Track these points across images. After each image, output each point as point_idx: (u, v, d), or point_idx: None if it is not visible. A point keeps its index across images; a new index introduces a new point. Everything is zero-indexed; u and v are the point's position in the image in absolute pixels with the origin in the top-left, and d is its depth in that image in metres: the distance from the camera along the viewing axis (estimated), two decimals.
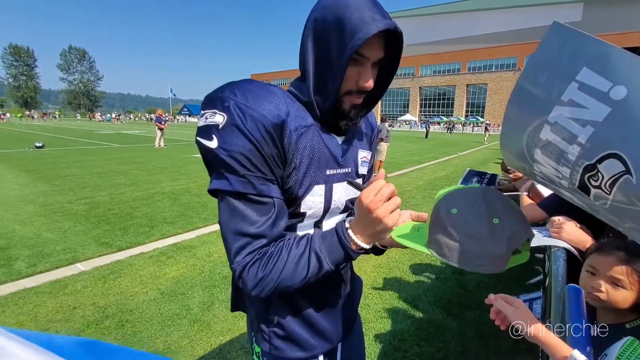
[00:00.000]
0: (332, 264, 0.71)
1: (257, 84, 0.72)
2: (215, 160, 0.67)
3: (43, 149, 12.95)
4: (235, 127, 0.65)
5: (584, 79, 0.41)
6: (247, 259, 0.68)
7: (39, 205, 5.22)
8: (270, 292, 0.70)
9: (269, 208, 0.69)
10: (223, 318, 2.48)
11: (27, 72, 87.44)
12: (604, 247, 1.02)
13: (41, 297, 2.72)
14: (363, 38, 0.65)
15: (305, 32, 0.74)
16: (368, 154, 0.93)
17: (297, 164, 0.73)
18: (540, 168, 0.57)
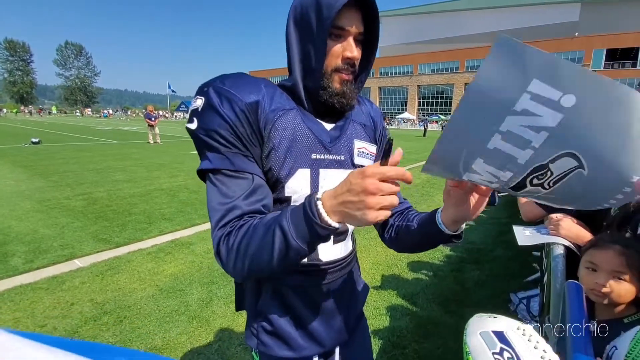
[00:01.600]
0: (300, 241, 0.59)
1: (241, 75, 0.76)
2: (197, 141, 0.71)
3: (39, 145, 12.87)
4: (211, 107, 0.69)
5: (535, 89, 0.44)
6: (220, 232, 0.67)
7: (36, 201, 5.19)
8: (246, 271, 0.65)
9: (248, 183, 0.71)
10: (222, 314, 2.48)
11: (23, 67, 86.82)
12: (600, 241, 1.03)
13: (38, 294, 2.71)
14: (339, 6, 0.68)
15: (287, 23, 0.77)
16: (369, 146, 0.89)
17: (276, 144, 0.73)
18: (471, 177, 0.58)
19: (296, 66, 0.78)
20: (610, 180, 0.50)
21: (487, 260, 3.56)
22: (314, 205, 0.59)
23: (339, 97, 0.77)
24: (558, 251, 1.12)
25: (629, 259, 0.94)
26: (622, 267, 0.94)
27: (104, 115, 63.23)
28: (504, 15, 54.99)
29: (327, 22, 0.69)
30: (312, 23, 0.72)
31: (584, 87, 0.43)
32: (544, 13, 51.42)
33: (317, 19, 0.71)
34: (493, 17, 55.87)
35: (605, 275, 0.97)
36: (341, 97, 0.77)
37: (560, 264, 1.07)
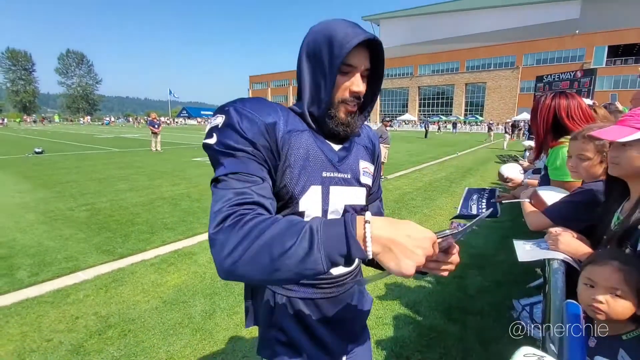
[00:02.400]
0: (324, 252, 0.55)
1: (259, 98, 0.82)
2: (214, 153, 0.74)
3: (43, 155, 12.96)
4: (231, 125, 0.73)
5: None
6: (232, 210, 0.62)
7: (40, 213, 5.23)
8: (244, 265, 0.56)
9: (257, 180, 0.71)
10: (225, 326, 2.49)
11: (25, 76, 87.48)
12: (599, 257, 1.03)
13: (44, 307, 2.73)
14: (349, 47, 0.75)
15: (300, 55, 0.84)
16: (370, 166, 0.98)
17: (291, 163, 0.79)
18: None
19: (306, 94, 0.84)
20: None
21: (489, 266, 3.55)
22: (363, 225, 0.56)
23: (344, 126, 0.85)
24: (557, 267, 1.12)
25: (626, 276, 0.94)
26: (620, 283, 0.94)
27: (106, 123, 63.58)
28: (503, 14, 54.94)
29: (337, 61, 0.76)
30: (324, 59, 0.78)
31: None
32: (544, 11, 51.32)
33: (328, 56, 0.78)
34: (492, 16, 55.82)
35: (603, 291, 0.97)
36: (346, 127, 0.85)
37: (560, 281, 1.07)
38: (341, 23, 0.80)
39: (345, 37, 0.76)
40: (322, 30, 0.80)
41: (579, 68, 10.68)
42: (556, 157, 1.82)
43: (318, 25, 0.82)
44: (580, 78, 9.00)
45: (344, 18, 0.84)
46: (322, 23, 0.82)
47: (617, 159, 1.10)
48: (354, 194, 0.91)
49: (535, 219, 1.54)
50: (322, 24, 0.81)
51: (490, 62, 53.34)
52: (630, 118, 1.05)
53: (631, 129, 1.02)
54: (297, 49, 0.86)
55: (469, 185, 7.90)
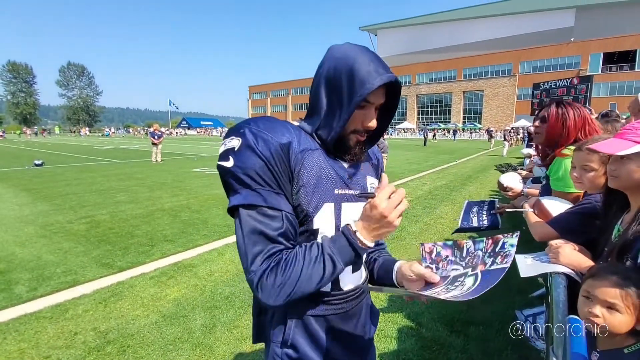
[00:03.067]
0: (344, 264, 0.78)
1: (270, 118, 0.84)
2: (231, 178, 0.77)
3: (42, 167, 12.97)
4: (248, 147, 0.75)
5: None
6: (264, 266, 0.74)
7: (39, 226, 5.22)
8: (289, 297, 0.74)
9: (278, 219, 0.77)
10: (225, 341, 2.46)
11: (25, 88, 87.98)
12: (598, 271, 1.03)
13: (42, 323, 2.70)
14: (371, 88, 0.77)
15: (318, 76, 0.86)
16: (376, 182, 1.01)
17: (305, 182, 0.81)
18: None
19: (318, 116, 0.86)
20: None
21: None
22: (354, 235, 0.78)
23: (351, 155, 0.89)
24: (559, 281, 1.11)
25: (624, 291, 0.93)
26: (616, 298, 0.94)
27: (106, 134, 63.80)
28: (499, 23, 55.69)
29: (358, 99, 0.78)
30: (343, 91, 0.80)
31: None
32: (539, 20, 52.04)
33: (348, 90, 0.79)
34: (488, 25, 56.57)
35: (598, 305, 0.97)
36: (353, 156, 0.89)
37: (562, 295, 1.06)
38: (365, 56, 0.80)
39: (368, 75, 0.77)
40: (345, 59, 0.80)
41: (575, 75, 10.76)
42: (559, 167, 1.83)
43: (340, 51, 0.82)
44: (577, 85, 9.06)
45: (365, 47, 0.85)
46: (344, 49, 0.82)
47: (616, 171, 1.10)
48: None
49: (541, 229, 1.53)
50: (345, 51, 0.82)
51: (487, 70, 53.87)
52: (629, 131, 1.06)
53: (630, 142, 1.03)
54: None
55: (469, 193, 7.91)
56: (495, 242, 0.82)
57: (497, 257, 0.78)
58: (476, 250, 0.84)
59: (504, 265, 0.74)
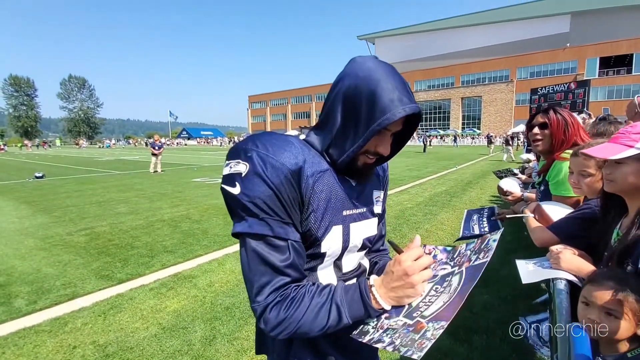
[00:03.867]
0: (352, 319, 0.73)
1: (275, 135, 0.79)
2: (237, 205, 0.73)
3: (43, 179, 12.99)
4: (256, 174, 0.71)
5: None
6: (269, 299, 0.72)
7: (39, 239, 5.20)
8: (289, 335, 0.72)
9: (285, 249, 0.74)
10: (225, 353, 2.43)
11: (27, 102, 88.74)
12: (596, 277, 1.04)
13: (41, 337, 2.68)
14: (392, 119, 0.73)
15: (336, 91, 0.79)
16: (381, 194, 1.00)
17: (315, 207, 0.78)
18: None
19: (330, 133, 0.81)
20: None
21: (494, 282, 3.50)
22: (369, 290, 0.74)
23: (358, 176, 0.87)
24: (561, 287, 1.10)
25: (621, 297, 0.93)
26: (614, 304, 0.94)
27: (107, 146, 64.03)
28: (496, 30, 56.27)
29: (376, 128, 0.73)
30: (361, 116, 0.75)
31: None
32: (535, 26, 52.60)
33: (367, 115, 0.74)
34: (486, 32, 57.16)
35: (597, 311, 0.97)
36: (360, 176, 0.87)
37: (565, 301, 1.05)
38: (390, 81, 0.74)
39: (390, 104, 0.72)
40: (368, 80, 0.74)
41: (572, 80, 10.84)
42: (559, 171, 1.82)
43: (364, 69, 0.76)
44: (575, 89, 9.11)
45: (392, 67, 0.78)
46: (369, 68, 0.76)
47: (611, 175, 1.10)
48: (369, 226, 0.92)
49: (541, 235, 1.52)
50: (369, 70, 0.75)
51: (485, 76, 54.28)
52: (622, 135, 1.06)
53: (623, 146, 1.03)
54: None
55: (470, 199, 7.89)
56: (482, 240, 0.82)
57: (480, 253, 0.78)
58: (466, 251, 0.84)
59: (484, 260, 0.73)
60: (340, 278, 0.88)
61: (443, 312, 0.66)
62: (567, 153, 1.78)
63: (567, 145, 1.84)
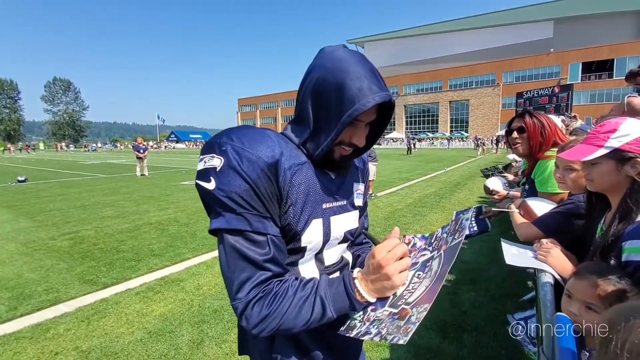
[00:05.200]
0: (336, 312, 0.72)
1: (252, 129, 0.77)
2: (213, 201, 0.70)
3: (25, 183, 12.66)
4: (232, 168, 0.69)
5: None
6: (251, 295, 0.69)
7: (20, 243, 5.05)
8: (272, 331, 0.70)
9: (264, 244, 0.71)
10: (213, 356, 2.38)
11: (10, 104, 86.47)
12: (580, 271, 1.04)
13: (21, 343, 2.59)
14: (361, 109, 0.71)
15: (305, 84, 0.78)
16: (362, 186, 0.98)
17: (294, 200, 0.76)
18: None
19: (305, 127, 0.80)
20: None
21: (482, 280, 3.53)
22: (353, 283, 0.73)
23: (336, 169, 0.86)
24: (546, 280, 1.11)
25: (601, 292, 0.93)
26: (594, 298, 0.94)
27: (92, 149, 62.86)
28: (482, 36, 57.37)
29: (347, 119, 0.72)
30: (332, 108, 0.73)
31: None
32: (520, 32, 53.79)
33: (336, 108, 0.73)
34: (473, 37, 58.22)
35: (578, 304, 0.98)
36: (338, 169, 0.86)
37: (549, 294, 1.06)
38: (357, 69, 0.72)
39: (359, 93, 0.70)
40: (335, 71, 0.72)
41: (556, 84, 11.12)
42: (544, 169, 1.86)
43: (332, 60, 0.74)
44: (559, 93, 9.35)
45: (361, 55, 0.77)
46: (336, 58, 0.74)
47: (589, 175, 1.12)
48: (350, 218, 0.91)
49: (526, 230, 1.54)
50: (337, 60, 0.73)
51: (472, 80, 55.20)
52: (593, 136, 1.08)
53: (594, 147, 1.05)
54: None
55: (459, 200, 7.97)
56: (456, 221, 0.82)
57: (455, 234, 0.77)
58: (442, 234, 0.83)
59: (459, 240, 0.73)
60: (322, 272, 0.87)
61: (425, 296, 0.66)
62: (552, 151, 1.81)
63: (547, 145, 1.88)
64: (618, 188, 1.09)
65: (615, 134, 1.03)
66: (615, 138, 1.03)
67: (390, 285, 0.70)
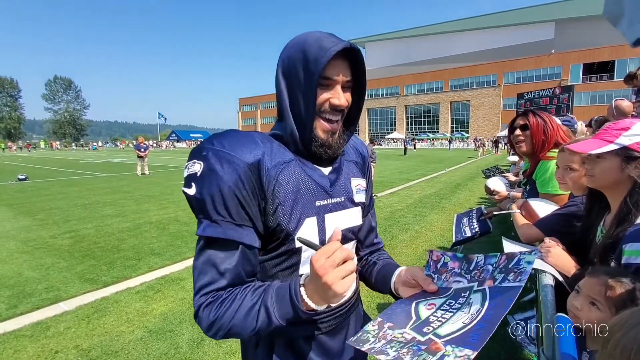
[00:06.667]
0: (283, 320, 0.69)
1: (235, 132, 0.77)
2: (194, 207, 0.72)
3: (26, 182, 12.67)
4: (211, 172, 0.69)
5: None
6: (202, 299, 0.70)
7: (21, 242, 5.05)
8: (223, 335, 0.70)
9: (233, 253, 0.71)
10: (213, 356, 2.39)
11: (10, 102, 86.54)
12: (595, 270, 1.04)
13: (21, 342, 2.59)
14: (325, 61, 0.70)
15: (277, 74, 0.79)
16: (362, 182, 0.94)
17: (282, 200, 0.74)
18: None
19: (288, 115, 0.78)
20: None
21: None
22: (299, 293, 0.67)
23: (324, 148, 0.79)
24: (547, 281, 1.11)
25: (609, 291, 0.94)
26: (599, 296, 0.95)
27: (93, 148, 62.92)
28: (483, 36, 57.27)
29: (315, 78, 0.72)
30: (300, 76, 0.74)
31: None
32: (521, 33, 53.70)
33: (304, 73, 0.73)
34: (473, 38, 58.13)
35: (583, 299, 0.98)
36: (327, 148, 0.80)
37: (550, 294, 1.06)
38: (315, 35, 0.75)
39: (320, 50, 0.71)
40: (296, 45, 0.75)
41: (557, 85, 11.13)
42: (545, 170, 1.86)
43: (292, 41, 0.78)
44: (559, 94, 9.32)
45: (318, 30, 0.79)
46: (295, 38, 0.78)
47: (592, 171, 1.12)
48: (349, 216, 0.87)
49: (527, 231, 1.55)
50: (296, 39, 0.77)
51: (473, 81, 55.14)
52: (604, 132, 1.08)
53: (604, 142, 1.05)
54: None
55: (459, 201, 7.97)
56: (509, 257, 0.72)
57: (509, 274, 0.68)
58: (486, 265, 0.74)
59: (517, 284, 0.66)
60: None
61: (466, 336, 0.57)
62: (554, 152, 1.81)
63: (549, 144, 1.88)
64: (617, 187, 1.09)
65: (627, 132, 1.04)
66: (626, 136, 1.03)
67: (332, 294, 0.63)
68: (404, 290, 0.82)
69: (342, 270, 0.63)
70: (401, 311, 0.74)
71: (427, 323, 0.64)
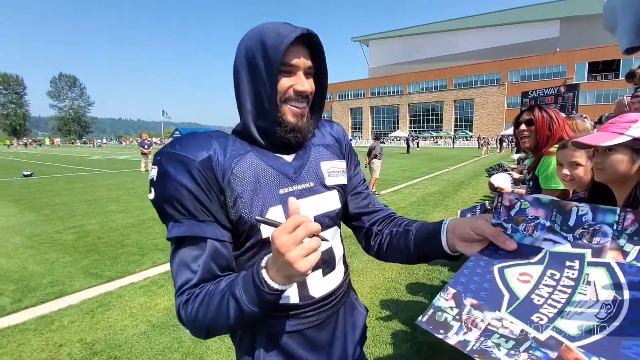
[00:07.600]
0: (252, 306, 0.64)
1: (192, 134, 0.77)
2: (157, 210, 0.73)
3: (31, 178, 12.76)
4: (165, 175, 0.70)
5: None
6: (180, 298, 0.71)
7: (26, 237, 5.10)
8: (206, 332, 0.70)
9: (203, 249, 0.72)
10: (216, 350, 2.40)
11: (16, 100, 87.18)
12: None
13: (26, 335, 2.62)
14: (284, 47, 0.70)
15: (235, 69, 0.79)
16: (337, 163, 0.91)
17: (240, 192, 0.74)
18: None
19: (247, 107, 0.78)
20: None
21: None
22: (261, 275, 0.64)
23: (294, 132, 0.78)
24: None
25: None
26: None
27: (98, 145, 63.28)
28: (487, 34, 56.93)
29: (275, 65, 0.72)
30: (260, 65, 0.74)
31: None
32: (526, 31, 53.31)
33: (264, 61, 0.73)
34: (478, 36, 57.79)
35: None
36: (297, 133, 0.79)
37: None
38: (271, 24, 0.75)
39: (278, 37, 0.71)
40: (253, 36, 0.75)
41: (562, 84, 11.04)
42: (547, 166, 1.85)
43: (247, 34, 0.78)
44: (564, 93, 9.25)
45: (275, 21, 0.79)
46: (251, 30, 0.78)
47: (601, 164, 1.11)
48: (323, 200, 0.85)
49: None
50: (251, 31, 0.77)
51: (477, 79, 54.82)
52: (612, 125, 1.07)
53: (614, 134, 1.04)
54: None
55: (462, 199, 7.94)
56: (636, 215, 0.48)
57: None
58: (598, 222, 0.50)
59: None
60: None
61: (619, 345, 0.38)
62: (555, 148, 1.80)
63: (553, 140, 1.87)
64: (626, 180, 1.08)
65: (637, 124, 1.03)
66: (637, 127, 1.03)
67: (295, 272, 0.59)
68: (466, 247, 0.68)
69: (305, 247, 0.58)
70: (481, 279, 0.53)
71: (533, 307, 0.46)
